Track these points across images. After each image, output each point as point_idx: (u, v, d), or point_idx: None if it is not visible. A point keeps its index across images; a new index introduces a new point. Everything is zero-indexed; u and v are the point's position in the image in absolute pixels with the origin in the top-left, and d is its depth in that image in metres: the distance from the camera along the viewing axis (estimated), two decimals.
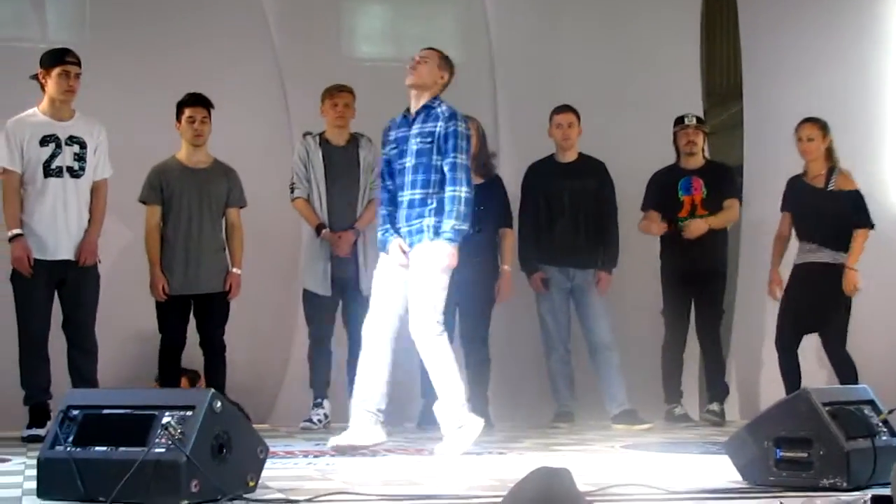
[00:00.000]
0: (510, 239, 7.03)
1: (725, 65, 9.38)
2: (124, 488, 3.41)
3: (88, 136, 6.15)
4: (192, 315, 6.54)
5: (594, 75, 7.91)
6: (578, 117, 7.14)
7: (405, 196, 5.33)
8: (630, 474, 4.31)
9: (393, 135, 5.46)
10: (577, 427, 6.98)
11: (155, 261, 6.47)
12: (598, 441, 6.09)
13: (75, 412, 3.71)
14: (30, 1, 7.23)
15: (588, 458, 5.15)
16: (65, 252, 6.06)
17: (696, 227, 7.05)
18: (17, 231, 5.99)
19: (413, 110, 5.40)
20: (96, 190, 6.19)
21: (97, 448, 3.58)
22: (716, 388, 7.22)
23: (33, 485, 3.68)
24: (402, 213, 5.34)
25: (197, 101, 6.51)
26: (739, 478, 4.00)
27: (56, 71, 6.05)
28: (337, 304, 6.81)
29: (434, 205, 5.26)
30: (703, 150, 7.28)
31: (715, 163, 7.41)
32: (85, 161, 6.13)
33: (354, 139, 6.89)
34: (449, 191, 5.25)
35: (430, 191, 5.28)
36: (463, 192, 5.24)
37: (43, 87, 6.10)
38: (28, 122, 6.09)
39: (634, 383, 7.14)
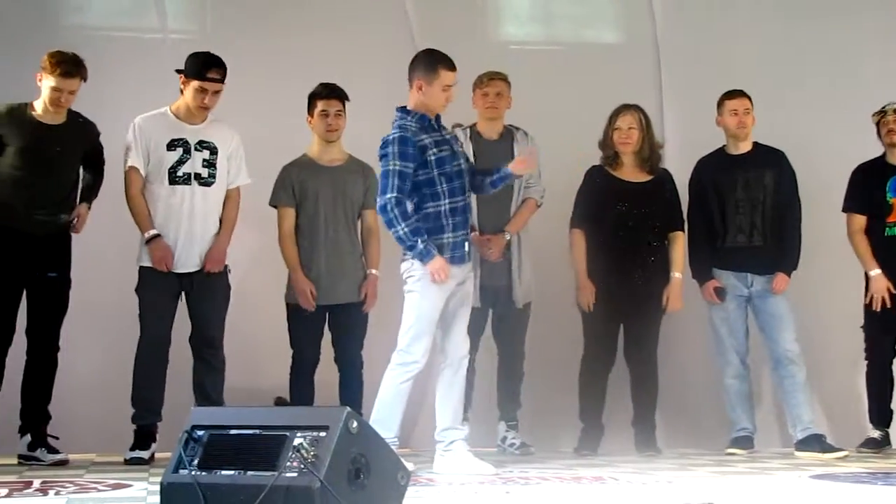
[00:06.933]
0: (680, 242, 6.93)
1: None
2: None
3: (221, 141, 6.31)
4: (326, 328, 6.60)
5: (774, 58, 7.76)
6: (752, 104, 7.02)
7: (462, 201, 5.72)
8: None
9: (428, 138, 5.63)
10: (758, 454, 6.86)
11: (296, 265, 6.51)
12: (783, 470, 5.96)
13: (200, 433, 3.74)
14: None
15: (770, 490, 5.05)
16: (190, 265, 6.24)
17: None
18: (153, 231, 6.16)
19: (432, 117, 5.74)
20: (229, 198, 6.36)
21: (224, 472, 3.61)
22: None
23: None
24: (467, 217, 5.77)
25: (331, 93, 6.57)
26: None
27: (194, 84, 6.20)
28: (486, 316, 6.81)
29: None
30: None
31: None
32: (215, 168, 6.28)
33: (508, 132, 6.87)
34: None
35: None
36: None
37: (182, 88, 6.26)
38: (157, 122, 6.27)
39: (826, 403, 6.97)
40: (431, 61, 5.70)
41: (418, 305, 5.62)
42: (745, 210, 6.96)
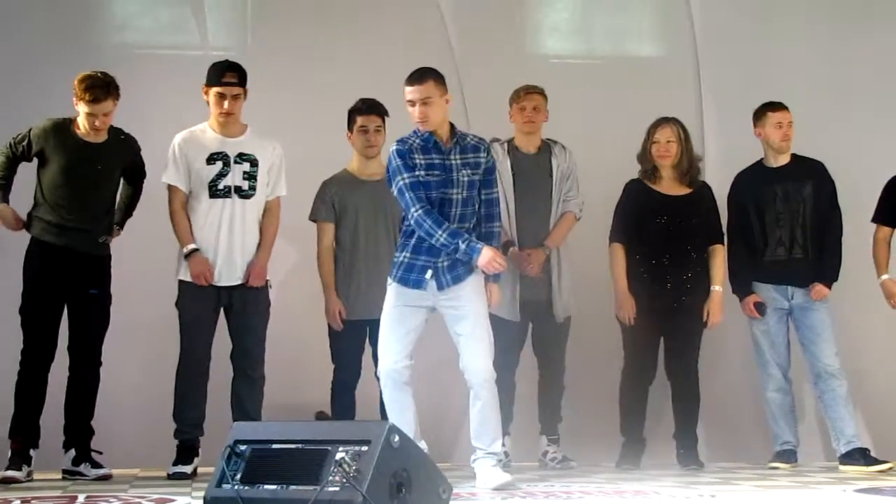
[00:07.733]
0: (720, 256, 6.90)
1: None
2: None
3: (261, 152, 6.31)
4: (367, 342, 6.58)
5: (814, 70, 7.73)
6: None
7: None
8: None
9: (422, 159, 5.57)
10: (802, 467, 6.81)
11: (330, 284, 6.54)
12: (827, 484, 5.91)
13: (243, 447, 3.77)
14: (189, 6, 7.46)
15: None
16: (232, 278, 6.25)
17: None
18: (192, 246, 6.19)
19: (446, 139, 5.64)
20: (269, 209, 6.35)
21: (266, 486, 3.63)
22: None
23: None
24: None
25: (370, 109, 6.58)
26: None
27: (213, 91, 6.23)
28: (526, 330, 6.80)
29: None
30: None
31: None
32: (256, 180, 6.28)
33: (546, 146, 6.87)
34: (496, 226, 5.76)
35: (471, 225, 5.64)
36: None
37: (206, 101, 6.29)
38: (196, 138, 6.29)
39: (869, 415, 6.91)
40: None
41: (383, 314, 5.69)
42: (784, 223, 6.92)
